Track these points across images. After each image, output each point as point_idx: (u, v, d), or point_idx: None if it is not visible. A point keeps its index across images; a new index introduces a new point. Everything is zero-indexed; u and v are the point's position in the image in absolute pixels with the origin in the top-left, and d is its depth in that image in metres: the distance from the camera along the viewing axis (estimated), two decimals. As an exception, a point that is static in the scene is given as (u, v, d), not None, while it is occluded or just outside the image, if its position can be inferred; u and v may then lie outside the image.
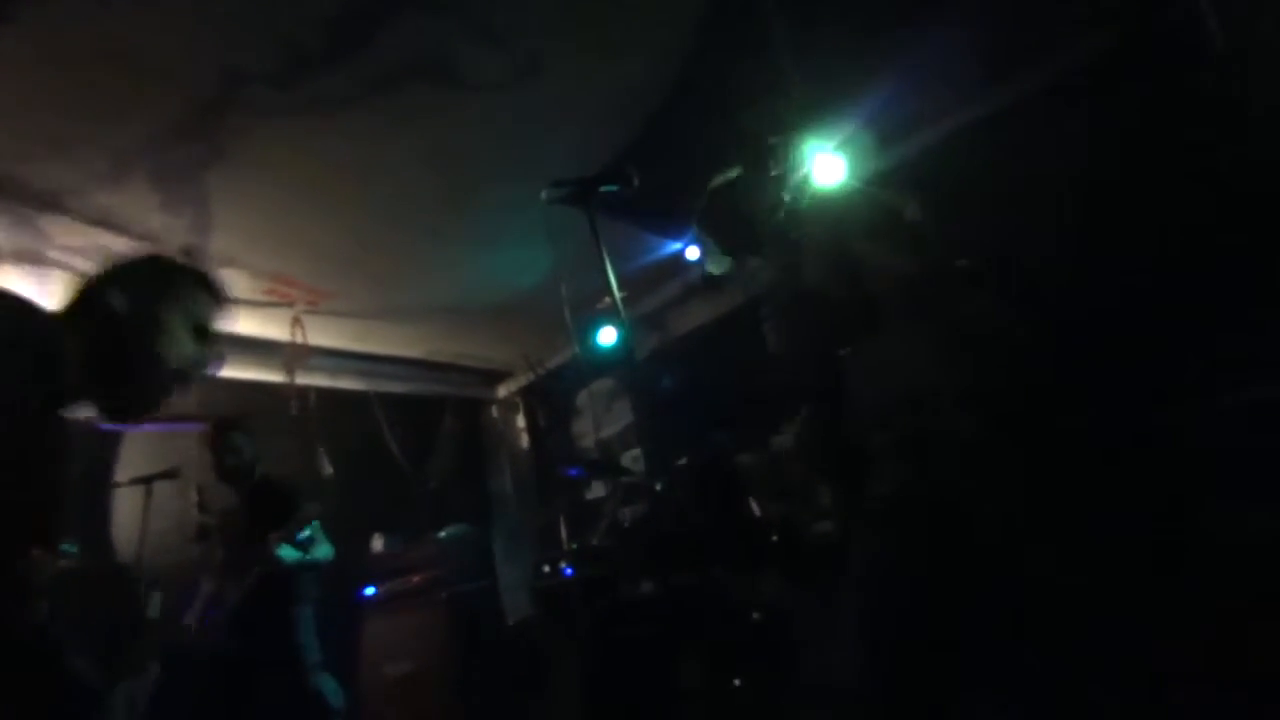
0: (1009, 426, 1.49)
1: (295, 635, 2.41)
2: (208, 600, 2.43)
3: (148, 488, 2.42)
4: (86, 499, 2.67)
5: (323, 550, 2.58)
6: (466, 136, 2.68)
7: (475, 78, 2.40)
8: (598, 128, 2.80)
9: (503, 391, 5.12)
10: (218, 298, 1.18)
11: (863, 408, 1.45)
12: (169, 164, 2.46)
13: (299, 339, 3.50)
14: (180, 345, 1.08)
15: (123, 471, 2.77)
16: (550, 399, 4.89)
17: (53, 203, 2.53)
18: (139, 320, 1.05)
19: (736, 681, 2.26)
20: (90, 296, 1.07)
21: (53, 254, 2.79)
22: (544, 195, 1.90)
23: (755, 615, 2.50)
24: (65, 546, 2.31)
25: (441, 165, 2.81)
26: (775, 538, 2.66)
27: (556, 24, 2.29)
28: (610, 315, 3.98)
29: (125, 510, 2.64)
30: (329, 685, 2.42)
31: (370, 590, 3.43)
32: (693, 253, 3.77)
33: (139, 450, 2.95)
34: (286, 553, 2.44)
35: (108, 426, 2.94)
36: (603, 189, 1.86)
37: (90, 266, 2.93)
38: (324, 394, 3.83)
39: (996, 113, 2.96)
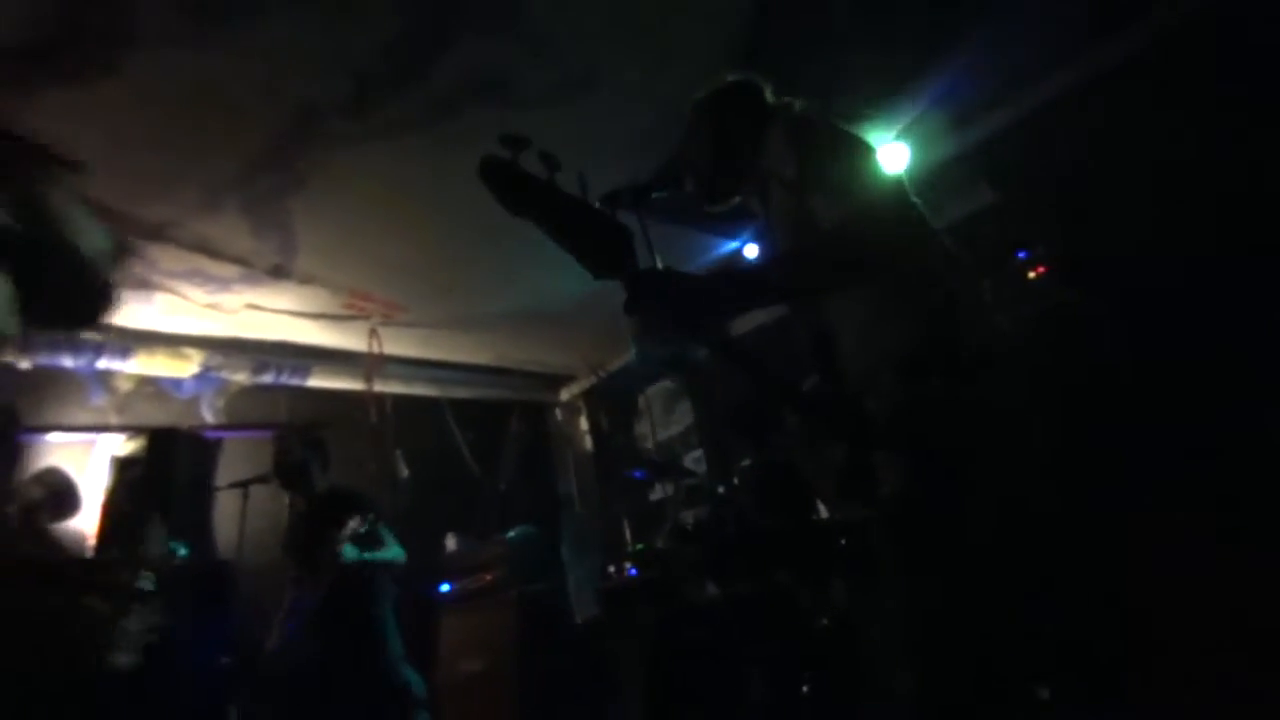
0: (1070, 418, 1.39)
1: (377, 632, 2.53)
2: (287, 608, 2.57)
3: (244, 491, 2.64)
4: (193, 503, 2.92)
5: (393, 552, 2.68)
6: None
7: (530, 94, 2.47)
8: (651, 132, 2.82)
9: (565, 395, 5.22)
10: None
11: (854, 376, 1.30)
12: (255, 194, 2.67)
13: (376, 349, 3.69)
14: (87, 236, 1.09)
15: (222, 477, 3.01)
16: (611, 402, 4.96)
17: (157, 233, 2.78)
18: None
19: (804, 689, 2.22)
20: None
21: (157, 278, 3.07)
22: (598, 205, 1.91)
23: (823, 622, 2.45)
24: (177, 548, 2.54)
25: (502, 180, 2.90)
26: (843, 542, 2.60)
27: (607, 36, 2.33)
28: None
29: (225, 513, 2.87)
30: (412, 677, 2.54)
31: (445, 587, 3.58)
32: (751, 251, 3.73)
33: (238, 456, 3.20)
34: (350, 552, 2.50)
35: (211, 434, 3.21)
36: (655, 195, 1.84)
37: (193, 289, 3.16)
38: (399, 401, 4.04)
39: (1066, 92, 2.79)
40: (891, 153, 3.02)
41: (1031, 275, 2.27)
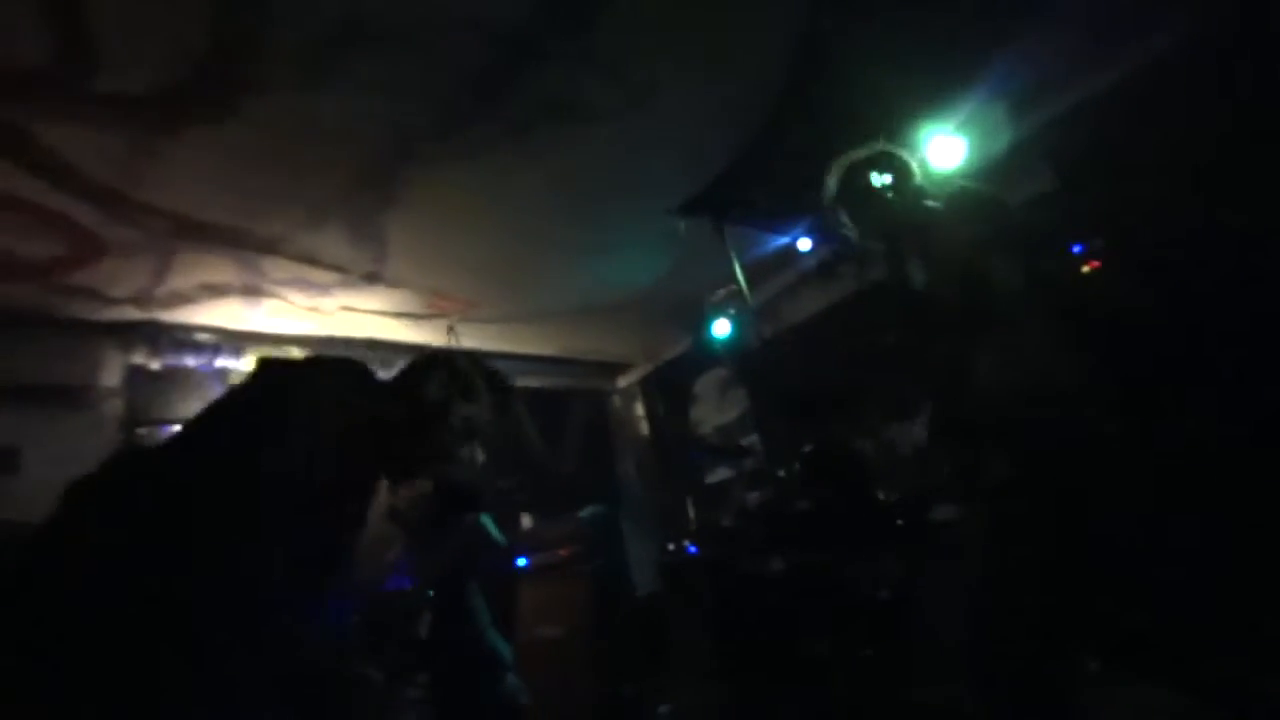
0: (1135, 412, 1.54)
1: (470, 599, 2.81)
2: (395, 570, 2.89)
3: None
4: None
5: (498, 537, 2.97)
6: (588, 160, 2.96)
7: (597, 109, 2.66)
8: (709, 136, 2.98)
9: (623, 382, 5.48)
10: (499, 395, 1.45)
11: (985, 401, 1.55)
12: (354, 209, 2.96)
13: (454, 343, 4.00)
14: (454, 438, 1.36)
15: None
16: (667, 388, 5.18)
17: (269, 247, 3.11)
18: (439, 409, 1.33)
19: (869, 652, 2.42)
20: (410, 381, 1.37)
21: (267, 286, 3.43)
22: (681, 224, 2.09)
23: (883, 594, 2.64)
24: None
25: (566, 187, 3.12)
26: (900, 522, 2.77)
27: (668, 48, 2.49)
28: (723, 308, 4.19)
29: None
30: (500, 645, 2.81)
31: (523, 561, 3.90)
32: (804, 244, 3.86)
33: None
34: (494, 530, 2.83)
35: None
36: (733, 215, 2.04)
37: (296, 294, 3.50)
38: (473, 392, 4.35)
39: (1125, 80, 2.81)
40: (948, 145, 3.09)
41: (1085, 269, 2.36)
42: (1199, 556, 1.49)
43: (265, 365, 1.31)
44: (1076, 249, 2.63)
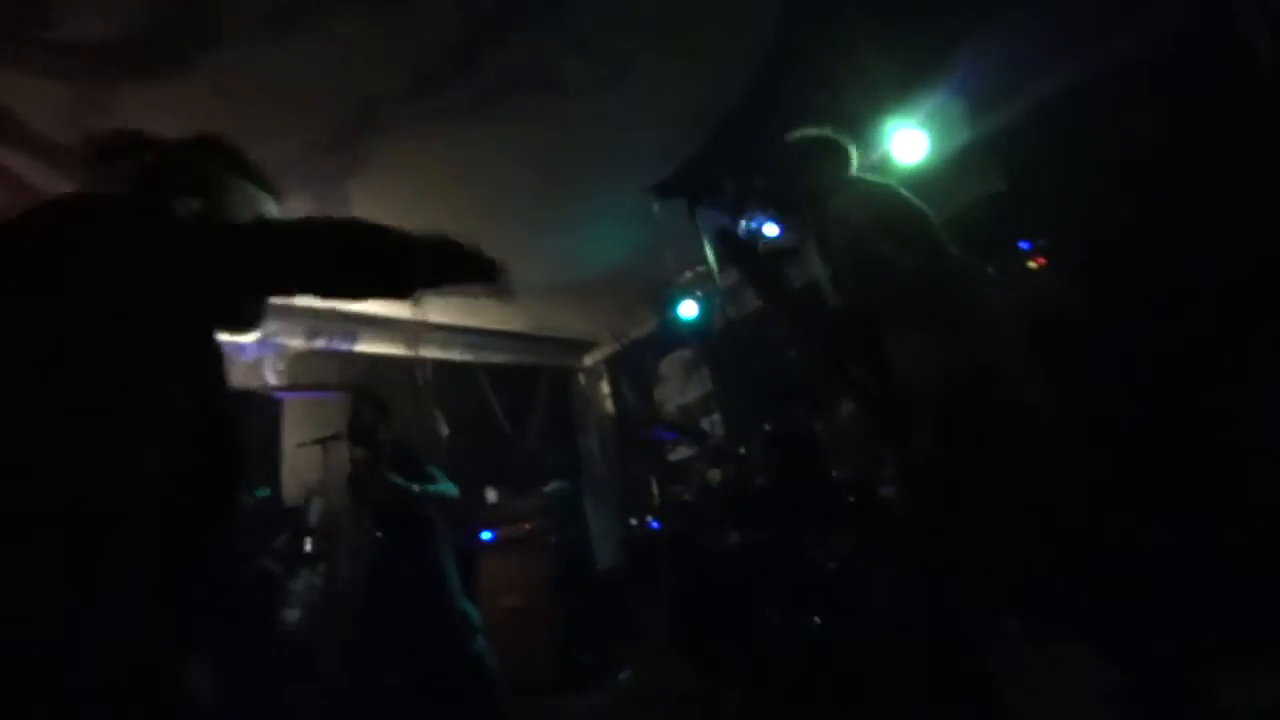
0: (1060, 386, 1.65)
1: (440, 565, 2.84)
2: (353, 544, 2.90)
3: (324, 446, 2.96)
4: (264, 455, 3.25)
5: (445, 486, 2.96)
6: (561, 136, 2.96)
7: (571, 85, 2.66)
8: (683, 118, 3.02)
9: (589, 361, 5.51)
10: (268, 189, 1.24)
11: (903, 385, 1.59)
12: (317, 175, 2.88)
13: (419, 317, 3.97)
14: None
15: (289, 433, 3.34)
16: (632, 368, 5.25)
17: (226, 210, 3.02)
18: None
19: (817, 620, 2.55)
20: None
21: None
22: (655, 207, 2.12)
23: (831, 565, 2.78)
24: (259, 491, 2.88)
25: (539, 162, 3.11)
26: (851, 499, 2.91)
27: (646, 31, 2.51)
28: (690, 290, 4.26)
29: (298, 466, 3.21)
30: (469, 608, 2.87)
31: (487, 535, 3.94)
32: (770, 230, 3.94)
33: (300, 415, 3.52)
34: (397, 479, 2.74)
35: (277, 395, 3.53)
36: (706, 198, 2.09)
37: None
38: (438, 365, 4.33)
39: (1080, 84, 2.94)
40: (911, 139, 3.20)
41: (1031, 265, 2.50)
42: (1124, 526, 1.64)
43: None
44: (1024, 246, 2.77)
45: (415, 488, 2.75)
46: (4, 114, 2.22)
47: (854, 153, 1.98)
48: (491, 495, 4.17)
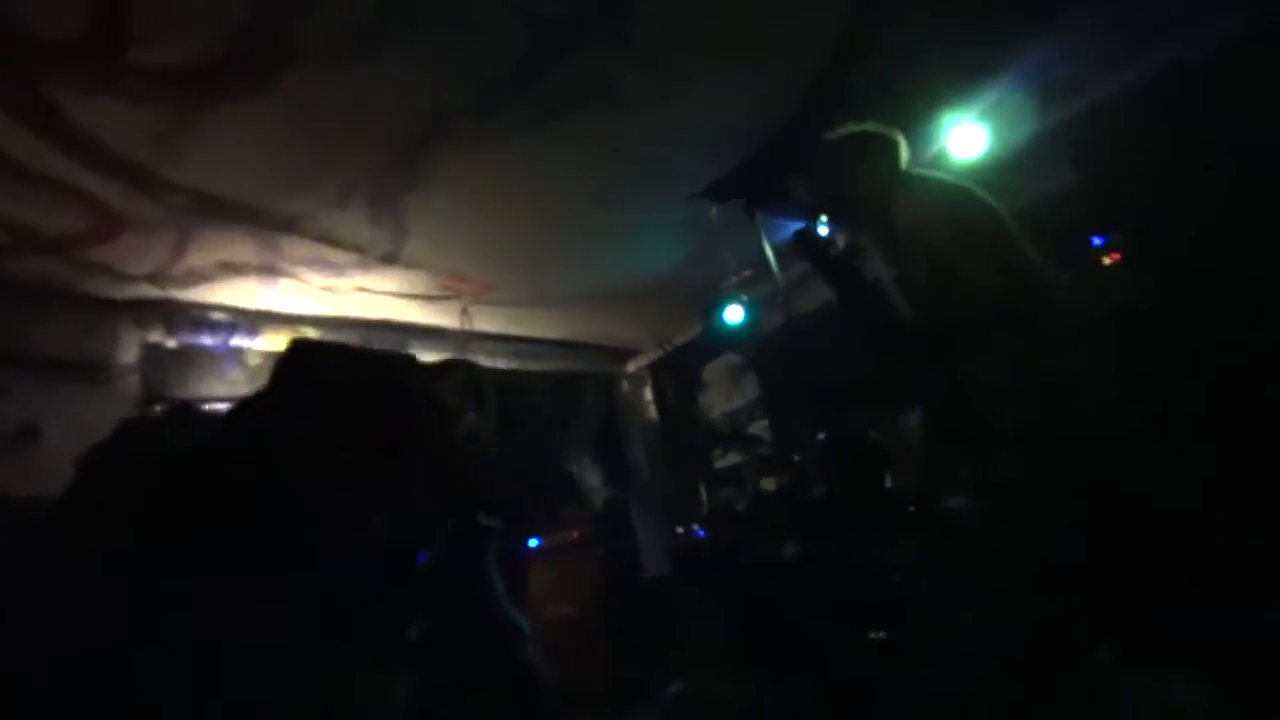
0: (1151, 408, 1.56)
1: (485, 569, 2.83)
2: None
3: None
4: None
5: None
6: (616, 145, 2.96)
7: (630, 97, 2.66)
8: (738, 124, 2.98)
9: (632, 367, 5.51)
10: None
11: (983, 401, 1.54)
12: (380, 188, 2.94)
13: (467, 326, 4.01)
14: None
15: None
16: (677, 374, 5.22)
17: (290, 225, 3.10)
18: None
19: (881, 634, 2.49)
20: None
21: (284, 265, 3.41)
22: (713, 209, 2.09)
23: (894, 579, 2.70)
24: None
25: (590, 172, 3.12)
26: (911, 509, 2.83)
27: (706, 41, 2.48)
28: (736, 294, 4.21)
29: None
30: (518, 618, 2.86)
31: (535, 542, 3.95)
32: (823, 230, 3.88)
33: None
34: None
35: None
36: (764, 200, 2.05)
37: (313, 274, 3.49)
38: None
39: (1151, 80, 2.83)
40: (970, 134, 3.11)
41: (1106, 262, 2.40)
42: (1216, 551, 1.55)
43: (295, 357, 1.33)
44: (1097, 242, 2.67)
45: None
46: (92, 140, 2.30)
47: (903, 145, 1.90)
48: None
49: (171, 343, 3.53)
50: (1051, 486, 1.45)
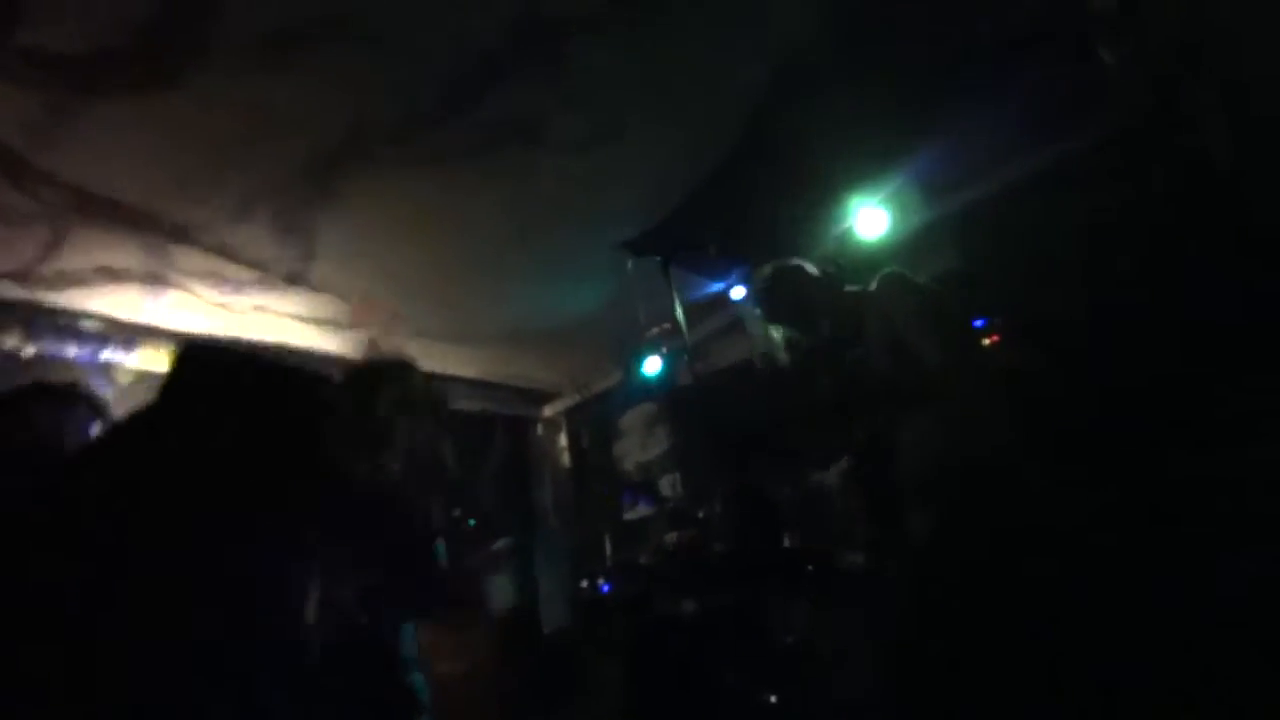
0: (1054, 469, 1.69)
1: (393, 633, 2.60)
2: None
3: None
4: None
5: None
6: (543, 188, 2.98)
7: (560, 139, 2.69)
8: (664, 176, 3.07)
9: (548, 411, 5.40)
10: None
11: (912, 466, 1.69)
12: (287, 203, 2.80)
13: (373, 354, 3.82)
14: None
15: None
16: (593, 421, 5.16)
17: (182, 234, 2.88)
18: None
19: (773, 698, 2.45)
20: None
21: (174, 276, 3.16)
22: (629, 263, 2.16)
23: (788, 638, 2.69)
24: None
25: (512, 210, 3.10)
26: (810, 567, 2.86)
27: (639, 96, 2.57)
28: (656, 345, 4.25)
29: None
30: (418, 681, 2.62)
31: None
32: (737, 292, 4.02)
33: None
34: None
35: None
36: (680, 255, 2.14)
37: (206, 289, 3.24)
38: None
39: (1039, 173, 3.16)
40: (873, 216, 3.35)
41: (986, 342, 2.59)
42: (1127, 607, 1.64)
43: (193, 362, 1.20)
44: (978, 324, 2.89)
45: None
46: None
47: (815, 269, 2.17)
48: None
49: (29, 350, 3.15)
50: (963, 550, 1.52)
